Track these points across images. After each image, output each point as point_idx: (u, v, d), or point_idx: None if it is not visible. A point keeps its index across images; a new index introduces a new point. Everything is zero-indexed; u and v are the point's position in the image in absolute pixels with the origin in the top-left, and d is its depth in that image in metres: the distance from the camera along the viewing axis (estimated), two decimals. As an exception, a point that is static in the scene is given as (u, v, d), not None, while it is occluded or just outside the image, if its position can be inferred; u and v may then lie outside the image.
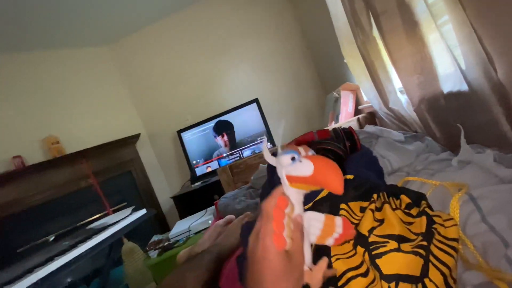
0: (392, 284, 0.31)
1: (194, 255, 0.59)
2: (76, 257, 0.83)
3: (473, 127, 0.63)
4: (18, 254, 1.91)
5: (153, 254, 1.55)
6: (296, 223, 0.32)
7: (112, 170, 2.32)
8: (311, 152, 0.35)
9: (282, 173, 0.33)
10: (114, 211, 1.99)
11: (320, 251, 0.38)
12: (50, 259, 0.81)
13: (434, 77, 0.73)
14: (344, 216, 0.40)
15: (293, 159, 0.33)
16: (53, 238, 1.97)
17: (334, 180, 0.29)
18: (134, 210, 1.20)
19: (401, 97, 0.95)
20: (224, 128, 2.43)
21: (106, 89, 2.43)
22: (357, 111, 1.55)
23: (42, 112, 2.16)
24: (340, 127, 0.56)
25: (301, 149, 0.35)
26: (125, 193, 2.35)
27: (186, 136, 2.45)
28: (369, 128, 0.77)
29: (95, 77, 2.40)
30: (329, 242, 0.35)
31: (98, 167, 2.22)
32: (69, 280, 2.01)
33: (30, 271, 0.75)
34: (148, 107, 2.54)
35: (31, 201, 1.99)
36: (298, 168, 0.32)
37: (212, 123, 2.43)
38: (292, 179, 0.33)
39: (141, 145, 2.52)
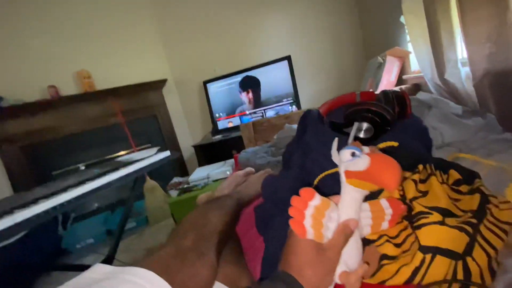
0: (428, 256, 0.30)
1: (215, 198, 0.60)
2: (105, 184, 0.89)
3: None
4: (53, 176, 2.12)
5: (173, 193, 1.66)
6: (344, 226, 0.31)
7: (139, 112, 2.39)
8: (366, 149, 0.34)
9: (341, 169, 0.33)
10: (139, 150, 2.10)
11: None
12: (82, 182, 0.87)
13: (510, 48, 0.62)
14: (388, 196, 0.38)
15: (353, 154, 0.33)
16: (84, 167, 2.15)
17: (389, 176, 0.28)
18: (158, 151, 1.24)
19: (461, 69, 0.83)
20: (250, 84, 2.37)
21: (139, 31, 2.39)
22: (399, 82, 1.43)
23: (76, 45, 2.18)
24: (392, 89, 0.51)
25: (366, 148, 0.34)
26: (150, 135, 2.44)
27: (212, 88, 2.43)
28: (422, 95, 0.70)
29: (130, 17, 2.34)
30: (385, 226, 0.35)
31: (125, 107, 2.29)
32: (96, 205, 2.24)
33: (64, 190, 0.81)
34: (178, 54, 2.49)
35: (64, 130, 2.14)
36: (356, 163, 0.32)
37: (238, 78, 2.37)
38: (349, 174, 0.32)
39: (168, 91, 2.53)
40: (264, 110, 2.37)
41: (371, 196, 0.39)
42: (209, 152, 2.29)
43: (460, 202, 0.34)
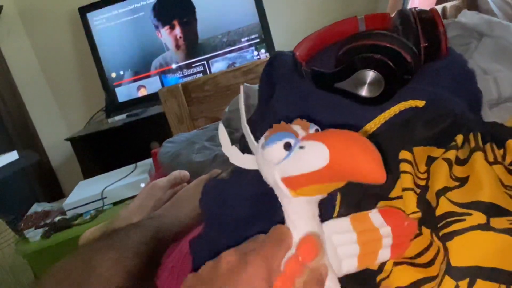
0: (463, 283, 0.34)
1: (112, 231, 0.62)
2: None
3: None
4: None
5: (34, 235, 1.63)
6: (315, 276, 0.35)
7: None
8: (313, 129, 0.37)
9: (275, 177, 0.35)
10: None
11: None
12: None
13: None
14: (386, 206, 0.42)
15: (287, 147, 0.35)
16: None
17: (368, 162, 0.31)
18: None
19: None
20: (176, 10, 2.36)
21: None
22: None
23: None
24: (415, 8, 0.55)
25: (296, 127, 0.37)
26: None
27: (97, 20, 2.38)
28: (468, 17, 0.75)
29: None
30: (385, 255, 0.38)
31: None
32: None
33: None
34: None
35: None
36: (300, 160, 0.34)
37: (151, -1, 2.34)
38: (294, 182, 0.35)
39: (6, 33, 2.44)
40: (207, 59, 2.38)
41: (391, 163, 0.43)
42: (102, 148, 2.29)
43: (520, 191, 0.40)
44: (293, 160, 0.34)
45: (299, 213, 0.37)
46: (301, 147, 0.34)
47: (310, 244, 0.35)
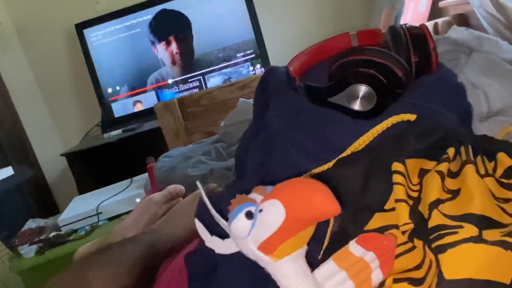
0: None
1: (107, 247, 0.61)
2: None
3: None
4: None
5: (28, 251, 1.61)
6: None
7: None
8: (269, 189, 0.39)
9: (251, 249, 0.37)
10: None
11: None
12: None
13: None
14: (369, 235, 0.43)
15: (249, 215, 0.37)
16: None
17: (319, 201, 0.33)
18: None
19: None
20: (172, 26, 2.37)
21: None
22: (434, 12, 1.55)
23: None
24: (406, 24, 0.56)
25: (253, 195, 0.39)
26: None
27: (94, 36, 2.39)
28: (458, 33, 0.76)
29: None
30: (378, 276, 0.39)
31: None
32: None
33: None
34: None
35: None
36: (263, 223, 0.36)
37: (147, 15, 2.36)
38: (268, 246, 0.36)
39: (2, 48, 2.44)
40: (203, 75, 2.39)
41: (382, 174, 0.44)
42: (98, 165, 2.28)
43: (511, 204, 0.40)
44: (258, 225, 0.36)
45: (286, 275, 0.37)
46: (260, 211, 0.36)
47: None
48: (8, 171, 1.18)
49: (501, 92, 0.58)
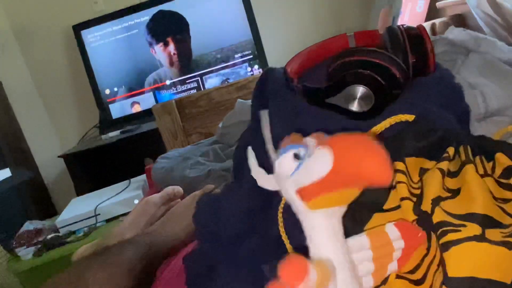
0: None
1: (105, 248, 0.61)
2: None
3: None
4: None
5: (26, 253, 1.61)
6: None
7: None
8: (326, 136, 0.35)
9: (289, 191, 0.35)
10: None
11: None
12: None
13: None
14: (399, 220, 0.42)
15: (296, 157, 0.35)
16: None
17: (372, 163, 0.30)
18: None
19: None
20: (170, 27, 2.38)
21: None
22: (431, 13, 1.55)
23: None
24: (403, 25, 0.56)
25: (308, 138, 0.36)
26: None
27: (92, 38, 2.39)
28: (455, 33, 0.76)
29: None
30: (392, 268, 0.38)
31: None
32: None
33: None
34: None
35: None
36: (308, 168, 0.33)
37: (145, 16, 2.36)
38: (306, 193, 0.34)
39: (0, 50, 2.44)
40: (199, 76, 2.39)
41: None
42: (96, 166, 2.28)
43: (511, 204, 0.40)
44: (303, 169, 0.34)
45: (315, 228, 0.35)
46: (309, 156, 0.34)
47: (292, 266, 0.32)
48: (5, 173, 1.17)
49: (498, 93, 0.58)
